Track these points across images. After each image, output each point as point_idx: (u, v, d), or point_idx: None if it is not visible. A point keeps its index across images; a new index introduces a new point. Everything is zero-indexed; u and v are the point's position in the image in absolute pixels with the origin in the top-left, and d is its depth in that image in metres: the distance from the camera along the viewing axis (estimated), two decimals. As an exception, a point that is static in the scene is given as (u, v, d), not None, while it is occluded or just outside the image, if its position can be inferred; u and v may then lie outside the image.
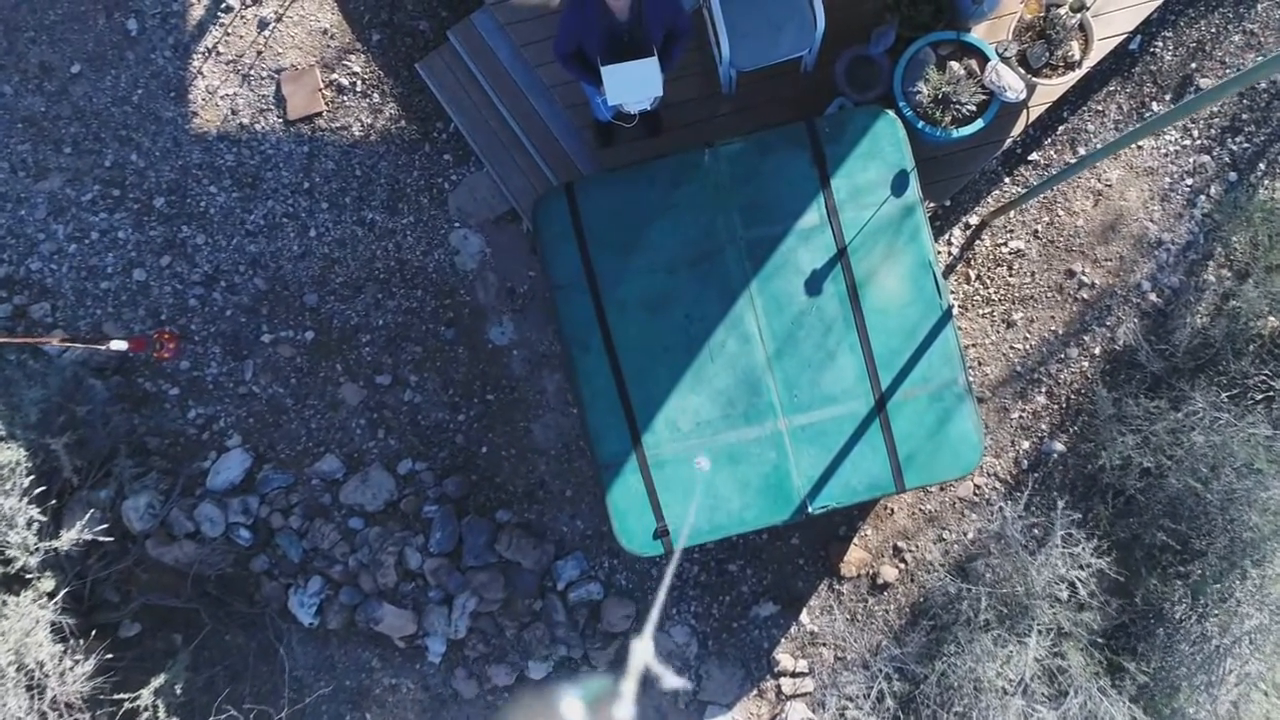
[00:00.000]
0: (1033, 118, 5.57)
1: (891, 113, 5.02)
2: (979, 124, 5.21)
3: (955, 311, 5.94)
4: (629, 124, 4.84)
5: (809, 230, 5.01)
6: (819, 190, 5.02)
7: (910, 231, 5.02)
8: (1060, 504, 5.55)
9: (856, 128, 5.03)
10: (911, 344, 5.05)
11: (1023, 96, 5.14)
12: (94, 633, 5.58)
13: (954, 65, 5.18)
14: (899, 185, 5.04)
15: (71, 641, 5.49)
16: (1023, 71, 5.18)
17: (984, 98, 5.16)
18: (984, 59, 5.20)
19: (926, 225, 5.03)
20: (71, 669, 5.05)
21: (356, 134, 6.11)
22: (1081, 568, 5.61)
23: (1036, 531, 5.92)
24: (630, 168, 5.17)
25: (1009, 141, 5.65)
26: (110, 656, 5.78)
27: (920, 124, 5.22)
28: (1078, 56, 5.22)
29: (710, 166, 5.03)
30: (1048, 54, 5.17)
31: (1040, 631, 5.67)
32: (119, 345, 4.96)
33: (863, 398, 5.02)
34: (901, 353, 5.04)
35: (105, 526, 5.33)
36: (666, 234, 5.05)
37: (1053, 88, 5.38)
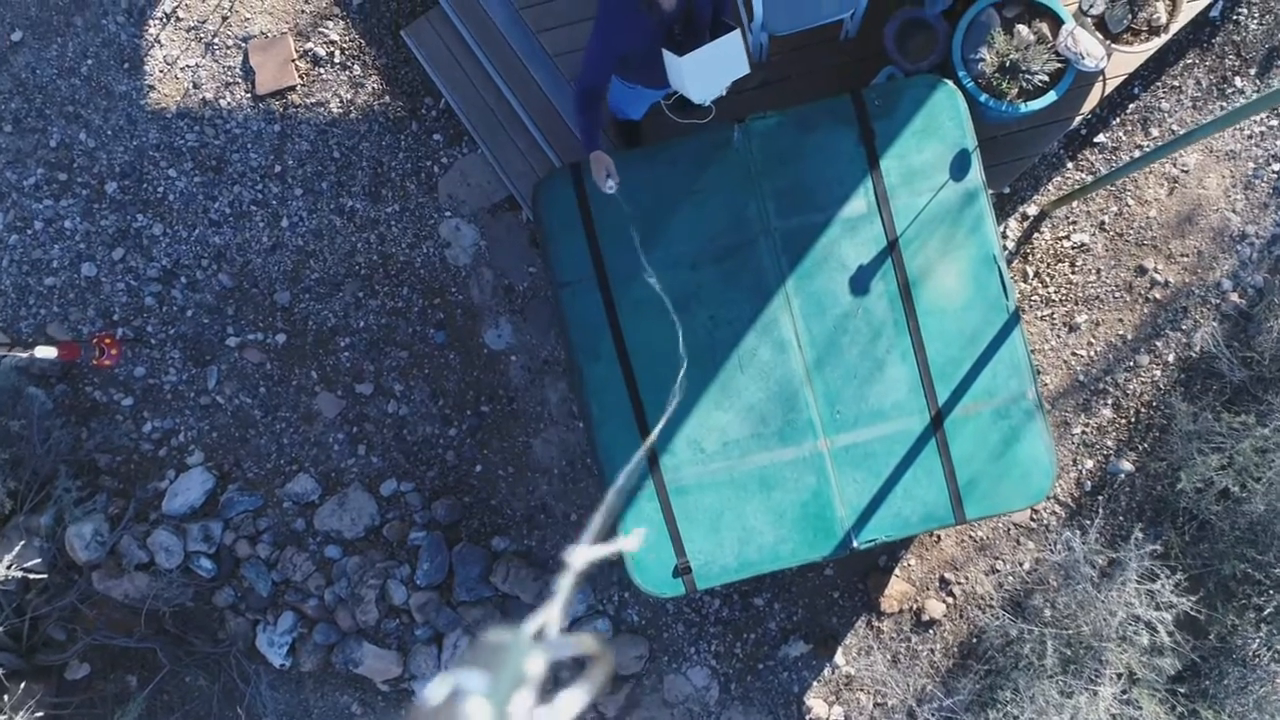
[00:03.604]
0: (1108, 90, 4.87)
1: (951, 83, 4.32)
2: (1051, 97, 4.51)
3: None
4: (706, 117, 4.05)
5: (855, 219, 4.31)
6: (866, 173, 4.32)
7: (972, 221, 4.32)
8: (1138, 533, 4.86)
9: (911, 100, 4.33)
10: (973, 351, 4.35)
11: (1103, 65, 4.44)
12: (23, 676, 4.87)
13: (1022, 29, 4.48)
14: (959, 167, 4.33)
15: (9, 685, 4.81)
16: (1100, 36, 4.48)
17: (1057, 66, 4.46)
18: (1057, 21, 4.50)
19: (991, 214, 4.33)
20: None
21: (334, 111, 5.40)
22: (1159, 608, 4.93)
23: (1100, 560, 5.24)
24: (647, 148, 4.48)
25: (1079, 119, 4.95)
26: (55, 701, 5.11)
27: (983, 97, 4.52)
28: (1164, 20, 4.51)
29: (740, 146, 4.32)
30: (1130, 16, 4.47)
31: (1111, 678, 5.00)
32: (45, 353, 4.23)
33: (916, 414, 4.33)
34: (961, 362, 4.34)
35: (38, 560, 4.62)
36: (689, 224, 4.34)
37: (1132, 56, 4.68)
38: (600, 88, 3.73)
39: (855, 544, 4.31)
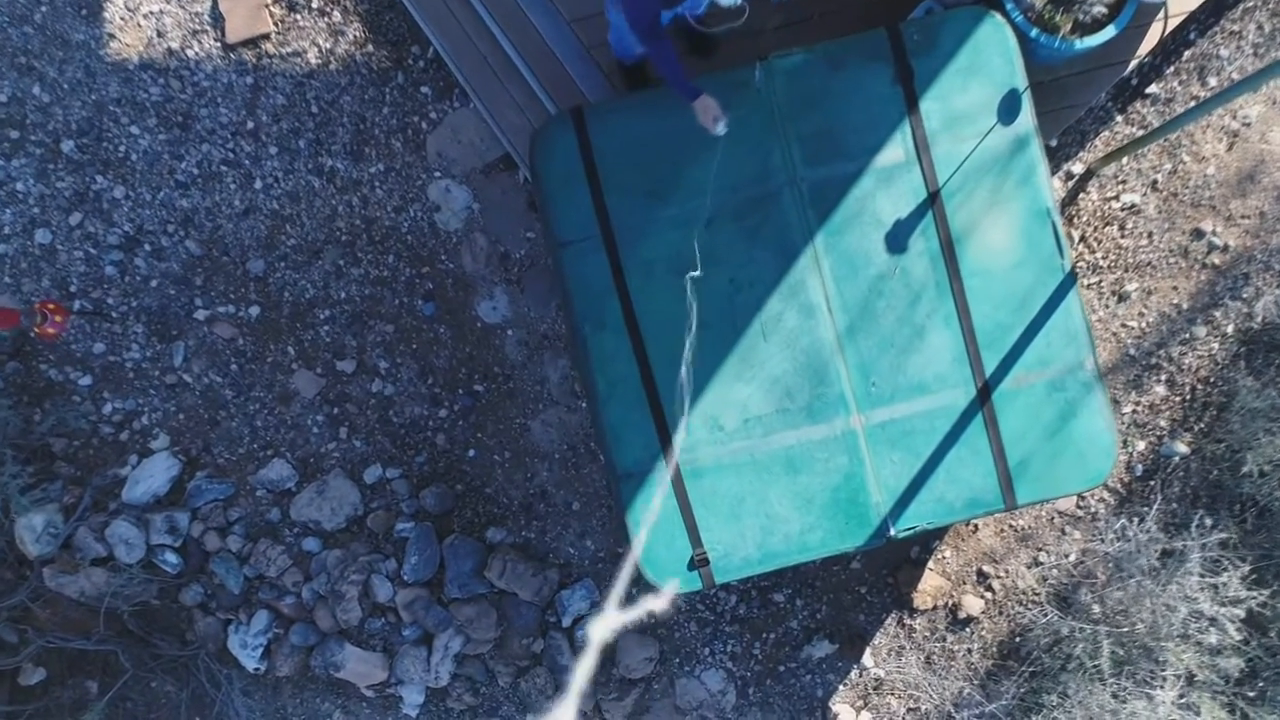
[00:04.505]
0: (1167, 30, 4.40)
1: (998, 16, 3.86)
2: (1110, 32, 4.05)
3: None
4: (739, 19, 3.56)
5: (891, 169, 3.85)
6: (904, 117, 3.86)
7: (1023, 171, 3.86)
8: (1207, 520, 4.40)
9: (953, 35, 3.87)
10: (1024, 316, 3.89)
11: (1167, -5, 3.97)
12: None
13: (1076, -44, 4.01)
14: (1008, 110, 3.87)
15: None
16: (1164, -35, 4.02)
17: (1117, -3, 3.99)
18: (1116, -53, 4.03)
19: (1044, 162, 3.88)
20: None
21: (312, 61, 4.93)
22: (1224, 603, 4.46)
23: (1155, 549, 4.77)
24: (655, 90, 4.01)
25: (1134, 64, 4.48)
26: (8, 709, 4.65)
27: (1034, 32, 4.06)
28: (1234, -53, 4.05)
29: (763, 87, 3.86)
30: (1197, -58, 4.00)
31: (1170, 680, 4.53)
32: (-24, 317, 3.78)
33: (961, 386, 3.87)
34: (1011, 328, 3.89)
35: (-20, 554, 4.16)
36: (705, 175, 3.88)
37: (1198, -11, 4.22)
38: (655, 14, 3.40)
39: (892, 532, 3.86)
